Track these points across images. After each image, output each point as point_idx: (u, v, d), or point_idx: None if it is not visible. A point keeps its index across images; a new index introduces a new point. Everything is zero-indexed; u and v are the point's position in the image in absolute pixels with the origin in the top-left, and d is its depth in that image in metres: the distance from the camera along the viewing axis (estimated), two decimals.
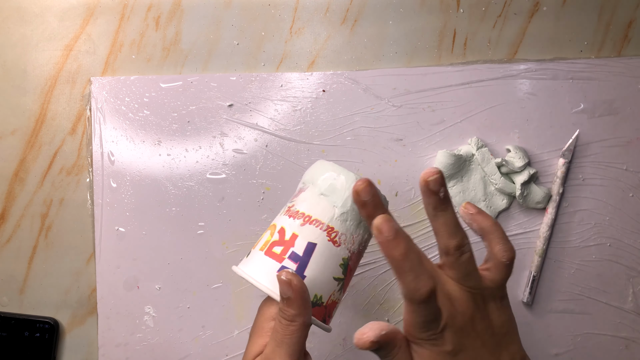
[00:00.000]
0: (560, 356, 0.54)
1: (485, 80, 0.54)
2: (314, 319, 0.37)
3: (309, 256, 0.38)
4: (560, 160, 0.53)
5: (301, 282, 0.36)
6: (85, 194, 0.56)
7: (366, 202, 0.35)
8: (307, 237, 0.38)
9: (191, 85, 0.56)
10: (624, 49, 0.55)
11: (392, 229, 0.33)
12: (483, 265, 0.38)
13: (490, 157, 0.53)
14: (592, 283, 0.54)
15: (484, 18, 0.55)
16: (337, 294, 0.39)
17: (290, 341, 0.35)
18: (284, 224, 0.40)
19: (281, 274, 0.36)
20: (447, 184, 0.52)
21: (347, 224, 0.39)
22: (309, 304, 0.36)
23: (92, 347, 0.56)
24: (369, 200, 0.35)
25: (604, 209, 0.54)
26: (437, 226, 0.36)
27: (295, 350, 0.35)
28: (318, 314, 0.38)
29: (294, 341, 0.35)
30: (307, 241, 0.38)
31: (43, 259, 0.57)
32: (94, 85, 0.56)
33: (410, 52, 0.55)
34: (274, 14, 0.56)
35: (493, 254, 0.37)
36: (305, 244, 0.38)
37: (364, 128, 0.55)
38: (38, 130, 0.57)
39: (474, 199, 0.53)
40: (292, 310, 0.35)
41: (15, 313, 0.56)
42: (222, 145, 0.55)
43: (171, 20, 0.56)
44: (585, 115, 0.54)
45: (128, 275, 0.56)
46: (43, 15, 0.56)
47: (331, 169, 0.40)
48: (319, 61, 0.56)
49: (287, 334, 0.35)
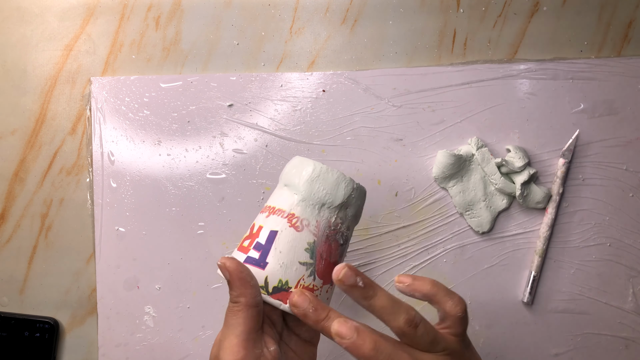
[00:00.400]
0: (560, 356, 0.54)
1: (485, 80, 0.54)
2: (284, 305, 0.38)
3: (271, 243, 0.40)
4: (560, 160, 0.53)
5: (236, 264, 0.37)
6: (85, 194, 0.56)
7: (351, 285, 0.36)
8: (270, 226, 0.40)
9: (191, 85, 0.56)
10: (624, 49, 0.55)
11: (351, 329, 0.34)
12: (441, 325, 0.39)
13: (490, 157, 0.53)
14: (592, 283, 0.54)
15: (484, 18, 0.55)
16: (308, 278, 0.40)
17: (237, 322, 0.36)
18: (257, 219, 0.42)
19: (219, 260, 0.37)
20: (447, 184, 0.53)
21: (307, 210, 0.40)
22: (249, 286, 0.37)
23: (92, 347, 0.56)
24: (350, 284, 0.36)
25: (604, 209, 0.54)
26: (377, 313, 0.36)
27: (243, 331, 0.36)
28: (285, 298, 0.39)
29: (240, 322, 0.36)
30: (269, 230, 0.40)
31: (43, 259, 0.57)
32: (94, 85, 0.56)
33: (410, 52, 0.55)
34: (274, 14, 0.56)
35: (446, 312, 0.38)
36: (268, 233, 0.40)
37: (364, 128, 0.55)
38: (38, 130, 0.57)
39: (474, 199, 0.53)
40: (233, 291, 0.36)
41: (15, 313, 0.57)
42: (222, 145, 0.55)
43: (171, 20, 0.56)
44: (585, 115, 0.54)
45: (128, 275, 0.56)
46: (43, 15, 0.56)
47: (295, 162, 0.42)
48: (319, 61, 0.56)
49: (233, 314, 0.36)
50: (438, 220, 0.54)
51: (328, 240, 0.41)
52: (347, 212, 0.42)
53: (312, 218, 0.40)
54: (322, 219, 0.41)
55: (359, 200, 0.43)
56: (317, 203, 0.41)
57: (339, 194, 0.41)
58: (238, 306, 0.36)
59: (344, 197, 0.41)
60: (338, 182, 0.41)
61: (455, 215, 0.54)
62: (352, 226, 0.44)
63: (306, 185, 0.41)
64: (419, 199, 0.54)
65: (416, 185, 0.54)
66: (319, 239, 0.40)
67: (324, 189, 0.41)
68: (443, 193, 0.54)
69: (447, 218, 0.54)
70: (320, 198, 0.40)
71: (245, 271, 0.37)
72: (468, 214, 0.53)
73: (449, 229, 0.54)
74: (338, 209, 0.41)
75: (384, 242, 0.54)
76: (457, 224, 0.54)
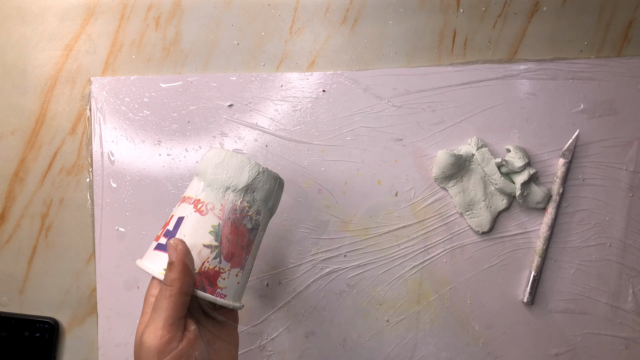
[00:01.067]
0: (560, 356, 0.54)
1: (485, 80, 0.54)
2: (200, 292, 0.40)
3: (177, 229, 0.41)
4: (560, 160, 0.53)
5: (186, 249, 0.39)
6: (85, 194, 0.56)
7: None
8: (179, 213, 0.42)
9: (191, 85, 0.56)
10: (624, 49, 0.55)
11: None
12: None
13: (490, 157, 0.53)
14: (592, 283, 0.54)
15: (484, 18, 0.55)
16: (213, 261, 0.41)
17: (166, 306, 0.37)
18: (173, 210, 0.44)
19: (170, 240, 0.39)
20: (447, 184, 0.53)
21: (212, 194, 0.42)
22: (189, 273, 0.38)
23: (92, 347, 0.56)
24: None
25: (604, 209, 0.54)
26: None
27: (170, 315, 0.37)
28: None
29: (169, 306, 0.37)
30: (177, 217, 0.42)
31: (43, 259, 0.57)
32: (94, 85, 0.56)
33: (410, 52, 0.55)
34: (274, 14, 0.56)
35: None
36: (176, 220, 0.42)
37: (364, 128, 0.55)
38: (38, 130, 0.57)
39: (474, 199, 0.53)
40: (173, 274, 0.38)
41: (15, 313, 0.57)
42: (222, 145, 0.55)
43: (171, 20, 0.56)
44: (585, 116, 0.54)
45: (128, 275, 0.56)
46: (43, 15, 0.56)
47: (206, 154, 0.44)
48: (319, 61, 0.56)
49: (164, 298, 0.38)
50: (438, 220, 0.54)
51: (234, 223, 0.42)
52: (255, 195, 0.43)
53: (217, 202, 0.42)
54: (227, 202, 0.42)
55: (268, 185, 0.44)
56: (221, 187, 0.42)
57: (243, 177, 0.42)
58: (171, 290, 0.38)
59: (247, 180, 0.42)
60: (242, 166, 0.42)
61: (455, 216, 0.54)
62: (265, 212, 0.44)
63: (211, 171, 0.42)
64: (419, 199, 0.54)
65: (416, 185, 0.54)
66: (223, 222, 0.41)
67: (227, 172, 0.42)
68: (443, 193, 0.54)
69: (447, 218, 0.54)
70: (224, 181, 0.42)
71: (190, 259, 0.39)
72: (468, 214, 0.53)
73: (449, 229, 0.54)
74: (243, 192, 0.42)
75: (384, 242, 0.54)
76: (457, 224, 0.54)
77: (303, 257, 0.55)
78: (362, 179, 0.55)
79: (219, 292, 0.41)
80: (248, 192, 0.42)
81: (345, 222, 0.55)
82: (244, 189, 0.42)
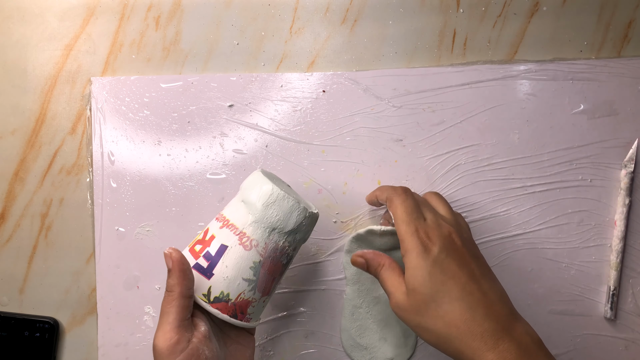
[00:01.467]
0: (560, 356, 0.54)
1: (485, 81, 0.54)
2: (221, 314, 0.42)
3: (220, 257, 0.42)
4: (622, 172, 0.53)
5: (180, 256, 0.41)
6: (85, 194, 0.56)
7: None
8: (222, 239, 0.43)
9: (191, 85, 0.56)
10: (624, 49, 0.55)
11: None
12: None
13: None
14: (592, 284, 0.54)
15: (483, 18, 0.55)
16: (248, 293, 0.43)
17: (170, 310, 0.40)
18: (210, 225, 0.45)
19: (165, 250, 0.41)
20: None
21: (258, 232, 0.43)
22: (187, 278, 0.41)
23: (92, 347, 0.56)
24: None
25: (603, 210, 0.54)
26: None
27: (175, 318, 0.40)
28: (225, 309, 0.42)
29: (173, 310, 0.40)
30: (220, 243, 0.43)
31: (43, 259, 0.57)
32: (94, 85, 0.56)
33: (410, 52, 0.55)
34: (274, 14, 0.56)
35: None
36: (219, 246, 0.43)
37: (363, 128, 0.55)
38: (38, 130, 0.57)
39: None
40: (171, 280, 0.40)
41: (15, 313, 0.57)
42: (222, 145, 0.55)
43: (171, 20, 0.56)
44: (585, 116, 0.54)
45: (128, 275, 0.56)
46: (43, 15, 0.56)
47: (257, 179, 0.44)
48: (319, 61, 0.56)
49: (167, 303, 0.40)
50: None
51: (273, 261, 0.44)
52: (296, 236, 0.44)
53: (262, 240, 0.43)
54: (271, 242, 0.43)
55: (310, 226, 0.46)
56: (269, 227, 0.43)
57: (291, 221, 0.43)
58: (172, 295, 0.40)
59: (294, 225, 0.43)
60: (292, 210, 0.43)
61: None
62: (299, 246, 0.46)
63: (261, 209, 0.42)
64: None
65: (416, 185, 0.54)
66: (264, 259, 0.43)
67: (277, 215, 0.43)
68: (443, 193, 0.54)
69: None
70: (273, 223, 0.43)
71: (186, 264, 0.41)
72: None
73: None
74: (287, 235, 0.43)
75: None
76: None
77: (303, 257, 0.55)
78: (362, 179, 0.55)
79: (247, 317, 0.44)
80: (291, 234, 0.44)
81: (345, 222, 0.55)
82: (289, 232, 0.43)
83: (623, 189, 0.53)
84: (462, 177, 0.54)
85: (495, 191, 0.54)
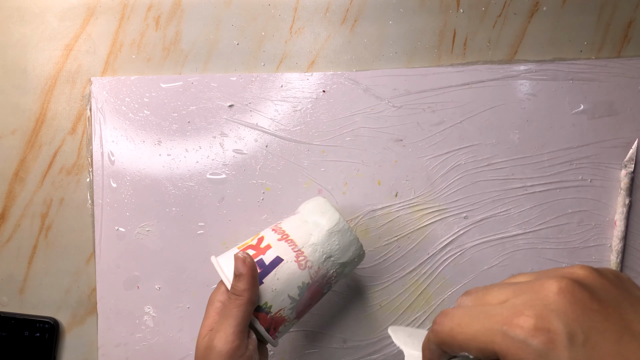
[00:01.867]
0: None
1: (485, 81, 0.54)
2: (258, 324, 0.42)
3: (273, 268, 0.43)
4: (622, 172, 0.53)
5: (253, 262, 0.41)
6: (85, 194, 0.56)
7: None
8: (278, 251, 0.43)
9: (191, 85, 0.56)
10: (624, 49, 0.55)
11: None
12: None
13: None
14: None
15: (483, 18, 0.55)
16: (287, 311, 0.43)
17: (236, 314, 0.40)
18: (266, 234, 0.45)
19: (238, 253, 0.42)
20: None
21: (316, 255, 0.43)
22: (256, 283, 0.41)
23: (92, 347, 0.56)
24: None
25: (603, 210, 0.54)
26: None
27: (239, 323, 0.40)
28: (263, 320, 0.42)
29: (239, 314, 0.40)
30: (276, 255, 0.43)
31: (43, 259, 0.57)
32: (94, 85, 0.56)
33: (410, 52, 0.55)
34: (274, 14, 0.56)
35: None
36: (274, 257, 0.43)
37: (364, 128, 0.55)
38: (38, 130, 0.57)
39: None
40: (242, 285, 0.40)
41: (15, 313, 0.57)
42: (222, 145, 0.55)
43: (171, 20, 0.56)
44: (585, 116, 0.54)
45: (128, 275, 0.56)
46: (43, 15, 0.56)
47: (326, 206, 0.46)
48: (319, 61, 0.56)
49: (234, 307, 0.40)
50: (438, 221, 0.54)
51: (319, 287, 0.44)
52: (345, 270, 0.45)
53: (317, 263, 0.43)
54: (323, 268, 0.44)
55: (358, 264, 0.47)
56: (327, 253, 0.44)
57: (347, 254, 0.45)
58: (241, 299, 0.40)
59: (349, 258, 0.45)
60: (351, 244, 0.44)
61: (455, 216, 0.54)
62: (339, 281, 0.48)
63: (326, 234, 0.44)
64: (419, 199, 0.54)
65: (416, 185, 0.54)
66: (312, 282, 0.44)
67: (338, 244, 0.44)
68: (443, 193, 0.54)
69: (447, 219, 0.54)
70: (332, 250, 0.44)
71: (257, 271, 0.41)
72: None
73: (449, 230, 0.54)
74: (339, 266, 0.45)
75: (383, 242, 0.54)
76: (456, 225, 0.54)
77: None
78: (362, 179, 0.55)
79: (276, 334, 0.44)
80: (342, 266, 0.45)
81: None
82: (341, 264, 0.45)
83: (623, 189, 0.53)
84: (462, 177, 0.54)
85: (495, 191, 0.54)
